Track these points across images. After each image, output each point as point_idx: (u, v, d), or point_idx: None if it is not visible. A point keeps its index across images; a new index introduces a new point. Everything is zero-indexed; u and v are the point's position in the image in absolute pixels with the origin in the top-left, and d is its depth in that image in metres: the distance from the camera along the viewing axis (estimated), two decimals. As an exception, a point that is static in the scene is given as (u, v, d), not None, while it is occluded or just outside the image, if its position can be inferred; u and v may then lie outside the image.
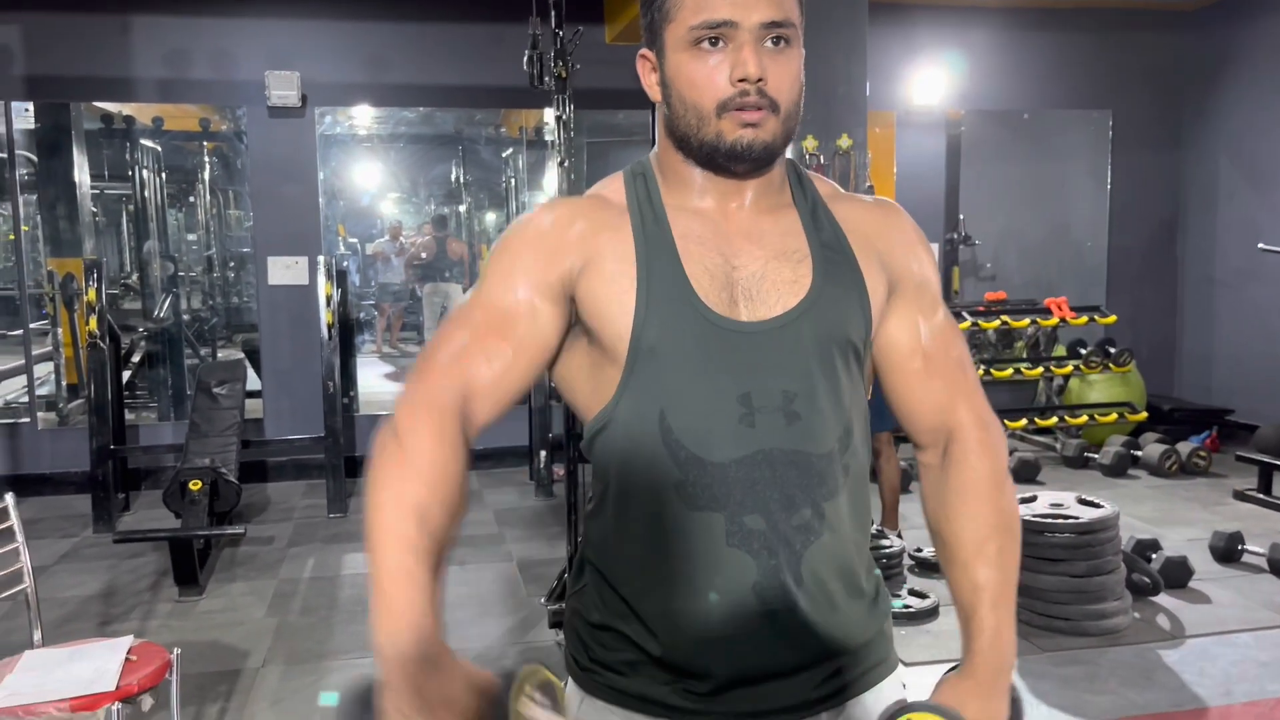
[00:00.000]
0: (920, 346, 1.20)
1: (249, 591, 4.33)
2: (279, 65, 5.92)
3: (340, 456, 5.53)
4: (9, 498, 2.55)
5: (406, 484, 1.00)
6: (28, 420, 6.14)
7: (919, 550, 4.48)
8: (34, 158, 6.86)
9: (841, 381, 1.14)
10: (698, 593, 1.09)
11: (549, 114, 7.14)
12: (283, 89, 5.88)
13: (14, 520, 2.51)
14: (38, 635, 2.53)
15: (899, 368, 1.21)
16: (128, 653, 2.38)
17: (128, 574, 4.53)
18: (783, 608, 1.10)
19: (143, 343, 6.72)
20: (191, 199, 8.57)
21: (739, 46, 1.07)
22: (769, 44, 1.08)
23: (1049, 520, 3.68)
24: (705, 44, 1.08)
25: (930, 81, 6.78)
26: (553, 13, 3.44)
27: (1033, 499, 3.94)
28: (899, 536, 4.52)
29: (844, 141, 3.57)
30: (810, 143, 3.55)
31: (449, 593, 1.00)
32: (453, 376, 1.07)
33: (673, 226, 1.14)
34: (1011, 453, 6.05)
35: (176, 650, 2.47)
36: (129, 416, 6.27)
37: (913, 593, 4.01)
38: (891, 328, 1.20)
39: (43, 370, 6.38)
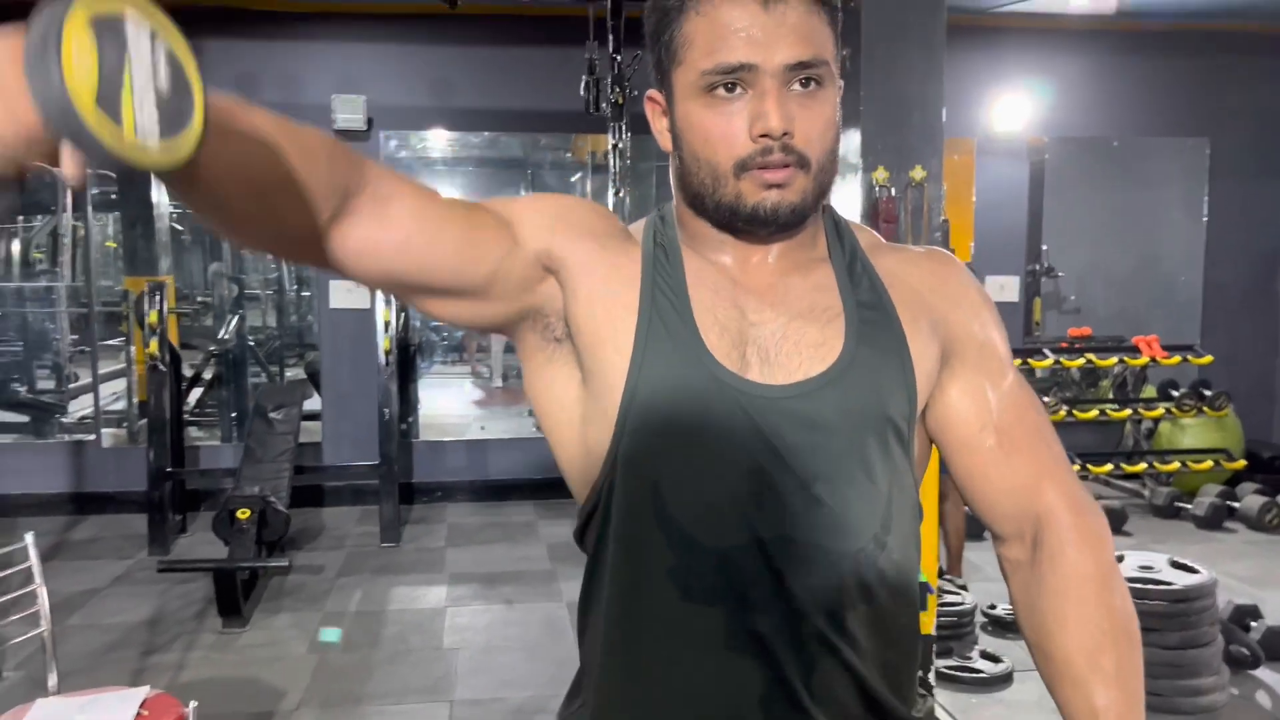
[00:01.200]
0: (991, 420, 1.01)
1: (293, 624, 4.23)
2: (346, 89, 5.90)
3: (395, 484, 5.44)
4: (29, 538, 2.45)
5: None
6: (93, 438, 6.19)
7: (992, 607, 4.20)
8: (115, 176, 7.00)
9: (877, 468, 0.95)
10: (690, 698, 0.92)
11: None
12: (348, 112, 5.86)
13: (33, 561, 2.42)
14: (53, 681, 2.43)
15: (967, 446, 1.01)
16: (141, 705, 2.27)
17: (177, 600, 4.48)
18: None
19: (210, 363, 6.75)
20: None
21: (761, 94, 0.90)
22: (796, 87, 0.91)
23: (1138, 586, 3.39)
24: (720, 90, 0.91)
25: (1013, 107, 6.49)
26: (610, 38, 3.30)
27: (1120, 559, 3.64)
28: (964, 589, 4.25)
29: (917, 173, 3.35)
30: (881, 174, 3.34)
31: (495, 634, 0.82)
32: (396, 175, 0.90)
33: (686, 266, 0.97)
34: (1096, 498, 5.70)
35: (193, 704, 2.35)
36: (197, 434, 6.30)
37: (985, 655, 3.74)
38: (954, 399, 1.01)
39: (120, 386, 6.43)
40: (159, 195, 6.72)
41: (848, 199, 3.50)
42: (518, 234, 0.95)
